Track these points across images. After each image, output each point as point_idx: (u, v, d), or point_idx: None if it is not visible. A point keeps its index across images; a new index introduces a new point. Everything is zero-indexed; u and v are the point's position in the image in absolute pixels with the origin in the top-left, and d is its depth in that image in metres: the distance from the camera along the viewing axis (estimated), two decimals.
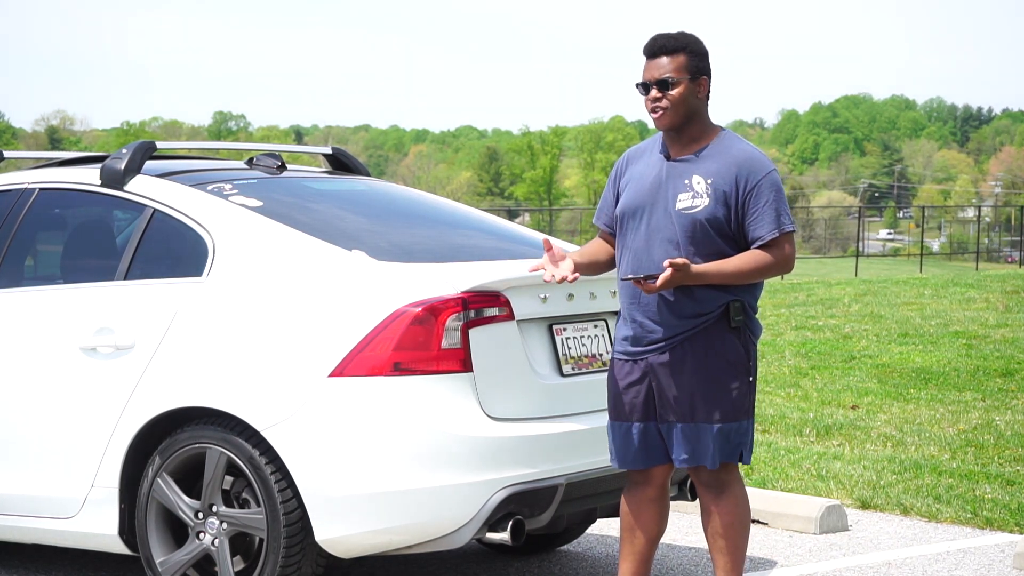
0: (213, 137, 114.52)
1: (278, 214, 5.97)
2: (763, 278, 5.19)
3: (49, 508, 6.01)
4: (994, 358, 13.46)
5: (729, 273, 5.10)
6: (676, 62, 5.19)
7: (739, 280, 5.13)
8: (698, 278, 5.07)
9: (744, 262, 5.12)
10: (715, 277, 5.09)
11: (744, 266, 5.12)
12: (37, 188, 6.52)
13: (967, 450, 9.30)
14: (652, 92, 5.19)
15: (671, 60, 5.19)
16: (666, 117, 5.18)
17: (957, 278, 24.33)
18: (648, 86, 5.21)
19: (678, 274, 5.01)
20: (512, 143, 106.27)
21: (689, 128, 5.22)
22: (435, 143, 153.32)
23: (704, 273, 5.07)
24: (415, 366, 5.43)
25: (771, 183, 5.17)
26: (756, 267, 5.12)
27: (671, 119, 5.18)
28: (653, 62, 5.21)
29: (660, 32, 5.28)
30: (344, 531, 5.47)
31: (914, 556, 6.92)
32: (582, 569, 6.74)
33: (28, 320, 6.18)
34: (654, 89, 5.19)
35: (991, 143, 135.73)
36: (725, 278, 5.10)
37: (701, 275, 5.07)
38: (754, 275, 5.14)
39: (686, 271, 5.02)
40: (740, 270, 5.11)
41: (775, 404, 11.17)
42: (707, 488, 5.25)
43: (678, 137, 5.23)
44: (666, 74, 5.18)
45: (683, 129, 5.21)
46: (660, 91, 5.18)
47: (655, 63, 5.21)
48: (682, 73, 5.18)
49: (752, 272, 5.12)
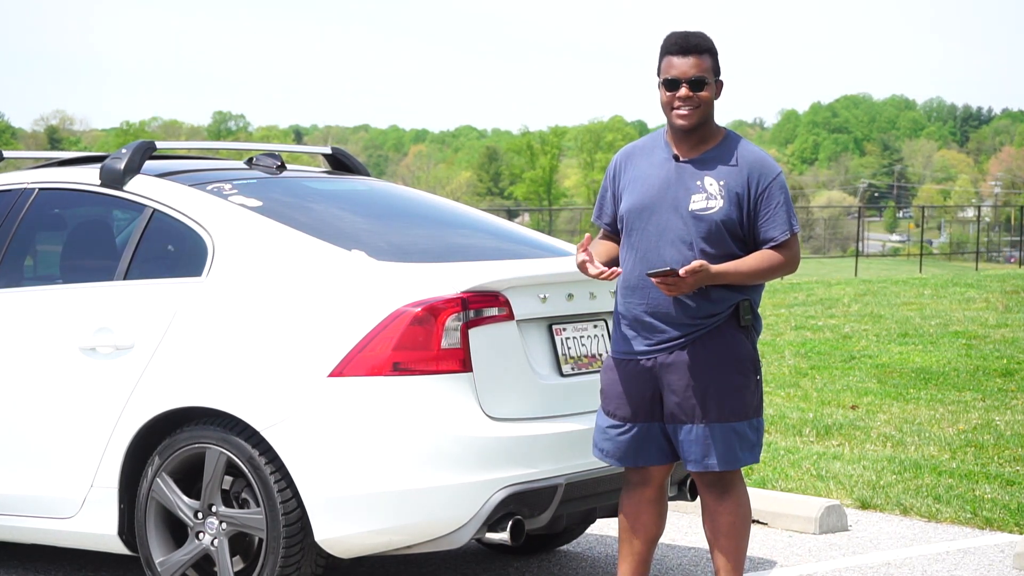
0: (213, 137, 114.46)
1: (278, 214, 5.96)
2: (774, 278, 5.23)
3: (49, 508, 6.01)
4: (994, 358, 13.46)
5: (746, 273, 5.11)
6: (705, 63, 5.15)
7: (754, 279, 5.14)
8: (717, 278, 5.06)
9: (759, 262, 5.13)
10: (734, 277, 5.09)
11: (759, 265, 5.12)
12: (37, 188, 6.52)
13: (967, 450, 9.29)
14: (682, 90, 5.13)
15: (701, 60, 5.15)
16: (694, 116, 5.14)
17: (957, 278, 24.32)
18: (678, 83, 5.14)
19: (701, 275, 5.01)
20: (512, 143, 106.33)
21: (702, 129, 5.21)
22: (435, 143, 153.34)
23: (724, 273, 5.07)
24: (415, 366, 5.42)
25: (780, 185, 5.18)
26: (770, 266, 5.14)
27: (698, 118, 5.15)
28: (684, 59, 5.13)
29: (683, 31, 5.19)
30: (344, 531, 5.47)
31: (914, 556, 6.92)
32: (582, 569, 6.73)
33: (28, 320, 6.18)
34: (685, 87, 5.13)
35: (991, 143, 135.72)
36: (742, 278, 5.11)
37: (720, 275, 5.06)
38: (768, 274, 5.16)
39: (707, 272, 5.02)
40: (756, 269, 5.12)
41: (775, 404, 11.16)
42: (710, 488, 5.25)
43: (687, 137, 5.20)
44: (700, 73, 5.13)
45: (698, 130, 5.20)
46: (692, 90, 5.13)
47: (686, 60, 5.13)
48: (711, 74, 5.16)
49: (766, 271, 5.14)
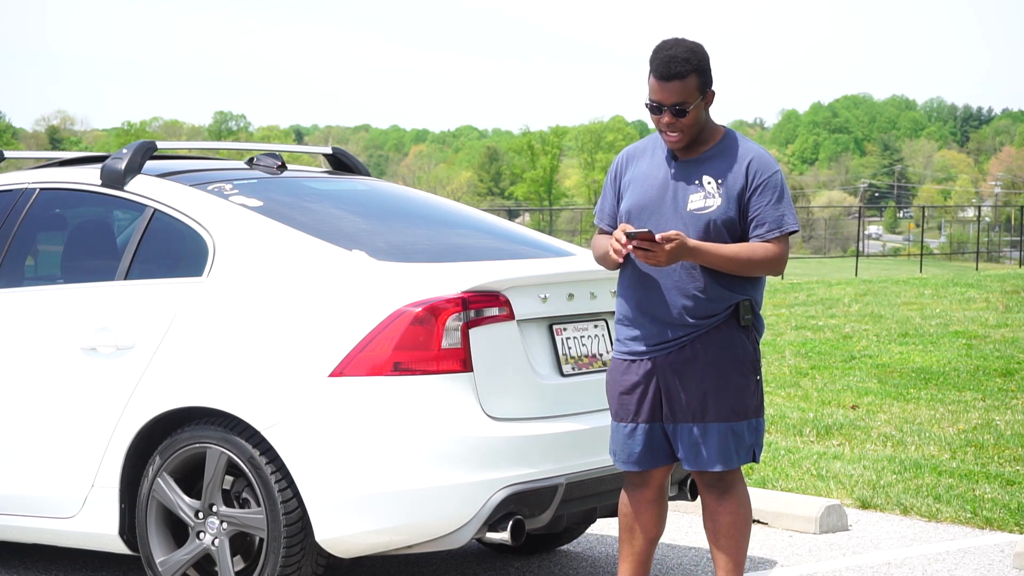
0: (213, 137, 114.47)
1: (278, 214, 5.97)
2: (756, 272, 5.13)
3: (49, 508, 6.01)
4: (994, 358, 13.46)
5: (725, 256, 5.05)
6: (689, 86, 5.10)
7: (732, 266, 5.07)
8: (693, 253, 5.01)
9: (740, 249, 5.07)
10: (712, 258, 5.03)
11: (739, 253, 5.07)
12: (37, 188, 6.52)
13: (967, 450, 9.30)
14: (665, 117, 5.13)
15: (684, 84, 5.10)
16: (682, 139, 5.15)
17: (957, 278, 24.33)
18: (662, 108, 5.14)
19: (677, 245, 4.96)
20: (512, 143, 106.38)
21: (698, 135, 5.20)
22: (435, 143, 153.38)
23: (700, 250, 5.02)
24: (415, 366, 5.42)
25: (776, 183, 5.15)
26: (750, 256, 5.08)
27: (687, 138, 5.15)
28: (666, 85, 5.11)
29: (669, 51, 5.12)
30: (344, 531, 5.47)
31: (914, 556, 6.92)
32: (582, 569, 6.74)
33: (29, 320, 6.18)
34: (667, 115, 5.13)
35: (991, 143, 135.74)
36: (720, 261, 5.05)
37: (697, 251, 5.02)
38: (748, 266, 5.09)
39: (683, 243, 4.97)
40: (736, 256, 5.06)
41: (775, 404, 11.16)
42: (710, 488, 5.25)
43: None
44: (680, 100, 5.09)
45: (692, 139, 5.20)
46: (674, 117, 5.12)
47: (668, 87, 5.10)
48: (694, 96, 5.11)
49: (746, 261, 5.07)
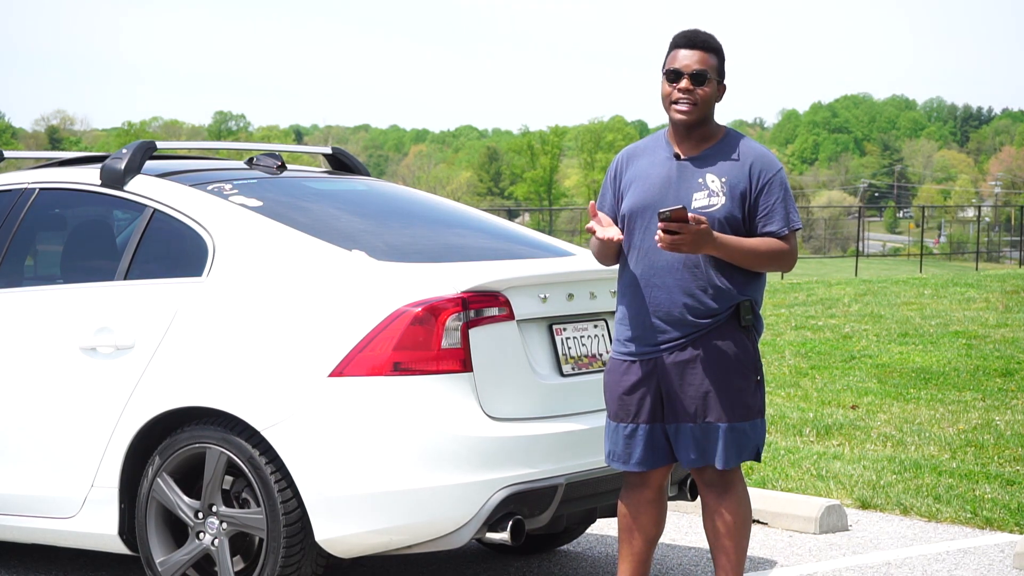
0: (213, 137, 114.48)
1: (278, 214, 5.97)
2: (770, 268, 5.18)
3: (49, 508, 6.01)
4: (994, 358, 13.46)
5: (745, 250, 5.08)
6: (711, 60, 5.17)
7: (751, 261, 5.11)
8: (717, 243, 5.01)
9: (759, 243, 5.11)
10: (733, 251, 5.06)
11: (758, 247, 5.10)
12: (37, 188, 6.52)
13: (967, 450, 9.29)
14: (683, 82, 5.14)
15: (707, 57, 5.17)
16: (693, 112, 5.15)
17: (957, 278, 24.31)
18: (681, 75, 5.15)
19: (703, 231, 4.96)
20: (512, 143, 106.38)
21: (702, 128, 5.21)
22: (435, 143, 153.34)
23: (724, 242, 5.03)
24: (415, 366, 5.42)
25: (781, 181, 5.18)
26: (769, 251, 5.12)
27: (697, 114, 5.16)
28: (689, 53, 5.16)
29: (693, 29, 5.22)
30: (344, 531, 5.47)
31: (914, 556, 6.92)
32: (582, 569, 6.74)
33: (28, 320, 6.18)
34: (686, 80, 5.14)
35: (991, 143, 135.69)
36: (740, 255, 5.07)
37: (720, 241, 5.02)
38: (766, 261, 5.13)
39: (708, 231, 4.97)
40: (755, 250, 5.10)
41: (775, 404, 11.16)
42: (710, 487, 5.25)
43: (688, 135, 5.21)
44: (703, 67, 5.15)
45: (698, 127, 5.20)
46: (693, 83, 5.14)
47: (691, 54, 5.15)
48: (714, 72, 5.17)
49: (764, 256, 5.11)
